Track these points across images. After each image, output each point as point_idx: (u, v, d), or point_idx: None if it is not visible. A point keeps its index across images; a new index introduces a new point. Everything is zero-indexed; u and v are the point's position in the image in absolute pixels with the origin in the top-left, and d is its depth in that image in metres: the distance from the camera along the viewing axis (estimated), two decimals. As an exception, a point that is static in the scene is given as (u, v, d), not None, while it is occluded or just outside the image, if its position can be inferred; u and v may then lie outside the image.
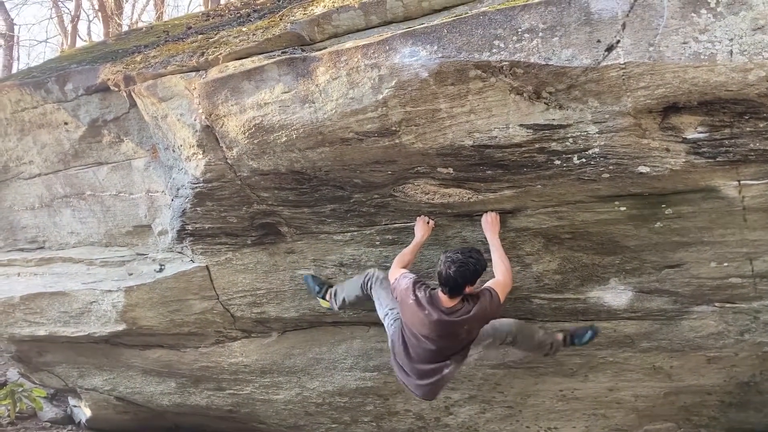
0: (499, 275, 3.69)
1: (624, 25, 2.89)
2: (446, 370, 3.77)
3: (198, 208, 4.49)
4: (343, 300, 4.32)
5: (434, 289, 3.66)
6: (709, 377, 4.58)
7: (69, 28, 16.29)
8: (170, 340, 5.57)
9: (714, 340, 4.26)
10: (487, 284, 3.67)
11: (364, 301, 4.24)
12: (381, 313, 4.07)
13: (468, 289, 3.57)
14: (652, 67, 2.89)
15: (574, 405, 5.11)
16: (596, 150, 3.25)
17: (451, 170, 3.65)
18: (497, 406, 5.28)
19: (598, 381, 4.86)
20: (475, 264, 3.53)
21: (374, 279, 4.13)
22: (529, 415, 5.30)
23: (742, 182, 3.27)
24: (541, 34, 3.00)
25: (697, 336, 4.28)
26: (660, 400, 4.87)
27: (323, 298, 4.49)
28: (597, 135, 3.19)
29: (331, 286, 4.49)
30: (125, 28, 14.20)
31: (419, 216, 4.04)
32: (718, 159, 3.14)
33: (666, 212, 3.56)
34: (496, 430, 5.46)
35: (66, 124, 5.08)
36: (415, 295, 3.64)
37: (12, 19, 16.52)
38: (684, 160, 3.18)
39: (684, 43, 2.82)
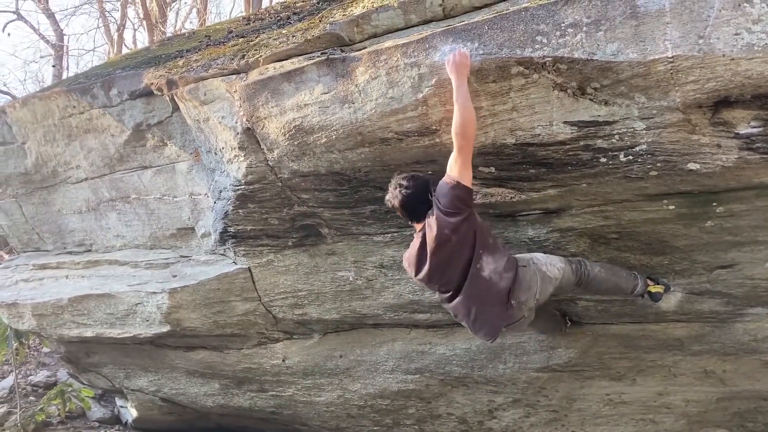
0: (454, 128, 3.16)
1: (672, 18, 2.80)
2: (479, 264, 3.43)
3: (240, 210, 4.52)
4: None
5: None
6: (765, 382, 4.41)
7: (115, 36, 16.71)
8: (213, 341, 5.63)
9: (770, 343, 4.11)
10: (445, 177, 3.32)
11: None
12: None
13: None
14: (701, 60, 2.79)
15: (622, 409, 4.98)
16: (643, 147, 3.15)
17: (492, 169, 3.59)
18: (542, 410, 5.18)
19: (646, 385, 4.72)
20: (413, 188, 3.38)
21: None
22: (574, 420, 5.18)
23: (798, 179, 3.13)
24: (585, 28, 2.93)
25: (752, 339, 4.12)
26: (712, 406, 4.71)
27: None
28: (644, 131, 3.09)
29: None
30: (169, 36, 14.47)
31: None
32: (773, 155, 3.01)
33: (717, 211, 3.43)
34: (541, 435, 5.37)
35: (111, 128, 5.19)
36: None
37: (62, 30, 17.01)
38: (736, 156, 3.06)
39: (736, 34, 2.72)
